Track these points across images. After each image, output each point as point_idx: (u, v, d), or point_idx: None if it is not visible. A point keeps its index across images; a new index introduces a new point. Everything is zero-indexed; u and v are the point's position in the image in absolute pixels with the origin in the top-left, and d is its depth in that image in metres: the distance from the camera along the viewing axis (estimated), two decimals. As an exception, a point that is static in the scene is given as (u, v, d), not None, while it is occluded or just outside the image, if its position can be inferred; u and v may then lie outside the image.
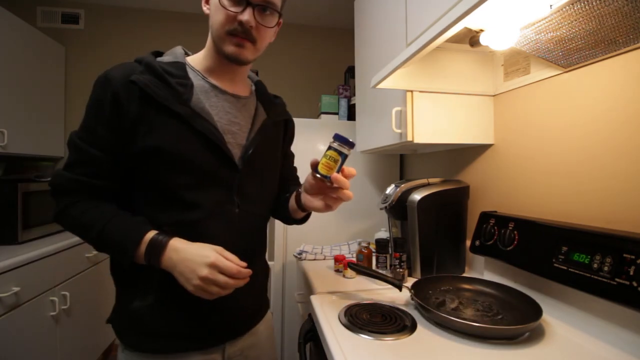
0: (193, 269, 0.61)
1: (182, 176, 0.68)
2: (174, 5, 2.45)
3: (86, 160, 0.67)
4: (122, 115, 0.65)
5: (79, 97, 2.37)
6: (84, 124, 0.68)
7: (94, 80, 0.68)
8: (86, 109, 0.68)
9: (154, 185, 0.68)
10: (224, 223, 0.72)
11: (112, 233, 0.65)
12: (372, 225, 1.85)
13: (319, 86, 2.66)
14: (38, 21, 2.31)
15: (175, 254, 0.63)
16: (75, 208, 0.67)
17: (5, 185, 1.67)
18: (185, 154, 0.68)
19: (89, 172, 0.67)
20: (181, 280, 0.63)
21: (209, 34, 0.75)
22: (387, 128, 1.22)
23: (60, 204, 0.68)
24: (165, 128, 0.67)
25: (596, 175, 0.84)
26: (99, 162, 0.67)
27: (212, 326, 0.73)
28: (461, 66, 1.12)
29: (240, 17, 0.67)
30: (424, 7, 0.94)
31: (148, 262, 0.64)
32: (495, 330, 0.72)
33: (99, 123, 0.66)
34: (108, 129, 0.66)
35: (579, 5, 0.64)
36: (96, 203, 0.68)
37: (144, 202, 0.70)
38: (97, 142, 0.66)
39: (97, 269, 2.10)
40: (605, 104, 0.81)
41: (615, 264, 0.67)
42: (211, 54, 0.75)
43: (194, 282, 0.61)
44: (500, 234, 0.97)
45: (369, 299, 0.94)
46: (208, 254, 0.62)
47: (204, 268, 0.61)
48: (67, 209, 0.67)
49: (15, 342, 1.38)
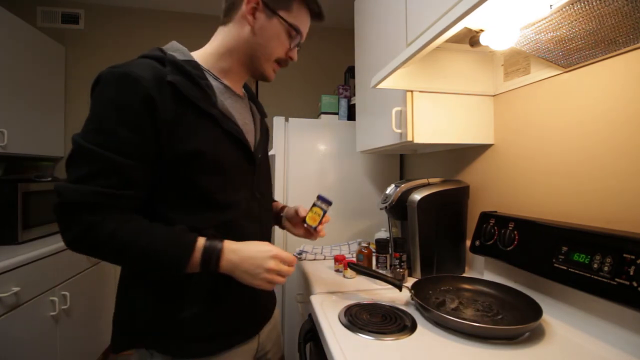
0: (259, 264, 0.65)
1: (218, 177, 0.68)
2: (174, 6, 2.45)
3: (109, 170, 0.58)
4: (156, 117, 0.60)
5: (79, 97, 2.37)
6: (99, 127, 0.59)
7: (105, 79, 0.61)
8: (100, 111, 0.60)
9: (187, 189, 0.66)
10: (252, 221, 0.76)
11: (157, 248, 0.60)
12: (372, 225, 1.85)
13: (319, 86, 2.66)
14: (38, 21, 2.31)
15: (235, 255, 0.65)
16: (103, 227, 0.58)
17: (5, 185, 1.67)
18: (220, 155, 0.68)
19: (114, 182, 0.59)
20: (245, 278, 0.65)
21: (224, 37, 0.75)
22: (387, 128, 1.22)
23: (80, 224, 0.57)
24: (203, 130, 0.66)
25: (596, 175, 0.84)
26: (125, 170, 0.59)
27: (255, 317, 0.78)
28: (461, 66, 1.12)
29: (291, 54, 0.76)
30: (424, 7, 0.94)
31: (204, 269, 0.63)
32: (495, 330, 0.72)
33: (122, 126, 0.59)
34: (136, 132, 0.59)
35: (579, 5, 0.64)
36: (126, 217, 0.61)
37: (170, 208, 0.66)
38: (120, 147, 0.59)
39: (97, 269, 2.10)
40: (606, 104, 0.81)
41: (615, 264, 0.67)
42: (233, 59, 0.75)
43: (261, 276, 0.65)
44: (500, 234, 0.97)
45: (369, 299, 0.94)
46: (267, 248, 0.68)
47: (269, 261, 0.66)
48: (92, 229, 0.57)
49: (15, 342, 1.38)
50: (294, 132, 1.80)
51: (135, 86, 0.60)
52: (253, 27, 0.71)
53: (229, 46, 0.74)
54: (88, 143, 0.58)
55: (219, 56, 0.75)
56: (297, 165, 1.80)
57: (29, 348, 1.46)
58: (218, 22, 0.78)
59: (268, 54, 0.74)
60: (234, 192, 0.72)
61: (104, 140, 0.58)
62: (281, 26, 0.73)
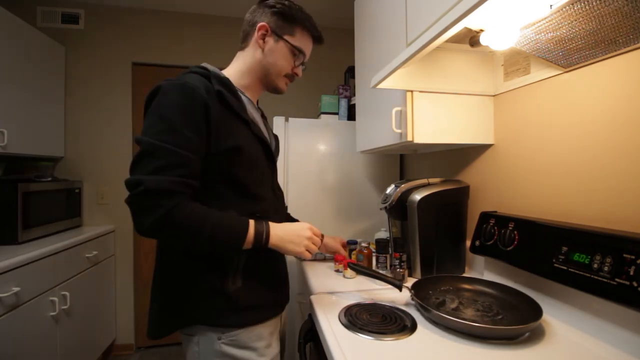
0: (300, 234, 0.81)
1: (253, 172, 0.83)
2: (174, 6, 2.45)
3: (182, 162, 0.69)
4: (209, 120, 0.74)
5: (79, 97, 2.36)
6: (166, 128, 0.70)
7: (166, 89, 0.73)
8: (166, 114, 0.71)
9: (230, 182, 0.79)
10: (276, 212, 0.91)
11: (223, 226, 0.72)
12: (372, 225, 1.85)
13: (319, 86, 2.66)
14: (38, 21, 2.30)
15: (279, 230, 0.79)
16: (181, 209, 0.68)
17: (5, 185, 1.67)
18: (253, 153, 0.82)
19: (185, 173, 0.70)
20: (290, 247, 0.80)
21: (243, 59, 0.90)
22: (387, 128, 1.22)
23: (163, 207, 0.66)
24: (240, 132, 0.80)
25: (596, 175, 0.84)
26: (192, 164, 0.71)
27: (283, 295, 0.92)
28: (461, 66, 1.12)
29: (296, 70, 0.92)
30: (424, 7, 0.94)
31: (256, 244, 0.76)
32: (495, 330, 0.72)
33: (186, 127, 0.71)
34: (195, 132, 0.72)
35: (579, 5, 0.64)
36: (194, 203, 0.72)
37: (214, 198, 0.77)
38: (186, 144, 0.70)
39: (97, 269, 2.11)
40: (606, 104, 0.81)
41: (615, 264, 0.67)
42: (252, 77, 0.90)
43: (304, 243, 0.81)
44: (500, 234, 0.97)
45: (369, 299, 0.94)
46: (302, 223, 0.84)
47: (307, 231, 0.82)
48: (172, 212, 0.67)
49: (15, 342, 1.38)
50: (294, 132, 1.80)
51: (194, 94, 0.73)
52: (263, 49, 0.88)
53: (247, 66, 0.90)
54: (160, 142, 0.69)
55: (241, 75, 0.90)
56: (297, 165, 1.80)
57: (29, 348, 1.46)
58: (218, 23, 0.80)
59: (278, 70, 0.89)
60: (263, 187, 0.86)
61: (171, 138, 0.70)
62: (286, 48, 0.88)
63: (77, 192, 2.26)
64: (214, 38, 2.50)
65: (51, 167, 2.26)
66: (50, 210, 1.96)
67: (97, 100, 2.40)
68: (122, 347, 2.41)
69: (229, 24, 2.55)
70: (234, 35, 0.86)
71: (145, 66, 2.46)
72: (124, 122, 2.43)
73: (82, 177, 2.36)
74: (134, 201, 0.67)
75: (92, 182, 2.38)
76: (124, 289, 2.42)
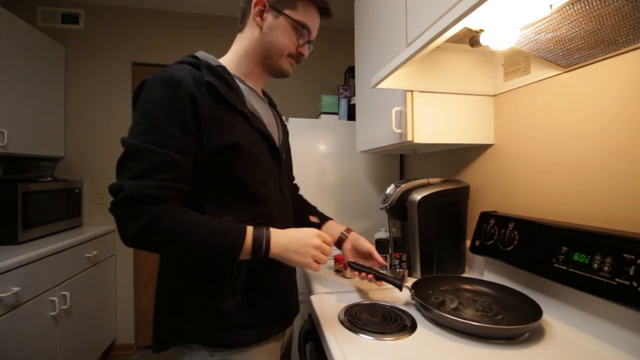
0: (306, 243, 0.70)
1: (254, 172, 0.74)
2: (173, 6, 2.45)
3: (167, 164, 0.62)
4: (198, 114, 0.66)
5: (79, 97, 2.37)
6: (151, 127, 0.63)
7: (150, 83, 0.65)
8: (149, 111, 0.64)
9: (226, 183, 0.71)
10: (282, 214, 0.82)
11: (215, 234, 0.64)
12: (372, 225, 1.85)
13: (319, 86, 2.66)
14: (38, 21, 2.30)
15: (282, 238, 0.70)
16: (167, 217, 0.61)
17: (5, 185, 1.67)
18: (253, 149, 0.73)
19: (172, 176, 0.63)
20: (294, 258, 0.69)
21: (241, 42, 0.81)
22: (387, 128, 1.22)
23: (147, 215, 0.59)
24: (237, 126, 0.72)
25: (596, 175, 0.83)
26: (179, 166, 0.64)
27: (287, 311, 0.83)
28: (461, 66, 1.12)
29: (301, 49, 0.81)
30: (424, 7, 0.94)
31: (255, 253, 0.67)
32: (495, 330, 0.72)
33: (171, 124, 0.63)
34: (182, 129, 0.64)
35: (579, 5, 0.64)
36: (184, 209, 0.65)
37: (211, 202, 0.70)
38: (173, 144, 0.63)
39: (97, 269, 2.11)
40: (606, 103, 0.81)
41: (615, 264, 0.67)
42: (251, 61, 0.81)
43: (311, 253, 0.70)
44: (500, 234, 0.97)
45: (369, 299, 0.94)
46: (310, 230, 0.72)
47: (315, 239, 0.71)
48: (157, 220, 0.60)
49: (15, 342, 1.38)
50: (294, 132, 1.79)
51: (179, 87, 0.65)
52: (262, 27, 0.78)
53: (245, 49, 0.81)
54: (142, 142, 0.62)
55: (239, 60, 0.81)
56: (297, 165, 1.77)
57: (29, 348, 1.46)
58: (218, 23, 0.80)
59: (279, 50, 0.79)
60: (267, 187, 0.77)
61: (156, 138, 0.62)
62: (287, 23, 0.78)
63: (77, 192, 2.26)
64: (214, 38, 2.50)
65: (51, 167, 2.26)
66: (50, 210, 1.96)
67: (97, 100, 2.40)
68: (122, 347, 2.41)
69: (229, 24, 2.53)
70: (234, 35, 0.85)
71: (145, 66, 2.46)
72: (124, 122, 2.43)
73: (82, 177, 2.36)
74: (116, 209, 0.60)
75: (92, 182, 2.38)
76: (124, 289, 2.42)
